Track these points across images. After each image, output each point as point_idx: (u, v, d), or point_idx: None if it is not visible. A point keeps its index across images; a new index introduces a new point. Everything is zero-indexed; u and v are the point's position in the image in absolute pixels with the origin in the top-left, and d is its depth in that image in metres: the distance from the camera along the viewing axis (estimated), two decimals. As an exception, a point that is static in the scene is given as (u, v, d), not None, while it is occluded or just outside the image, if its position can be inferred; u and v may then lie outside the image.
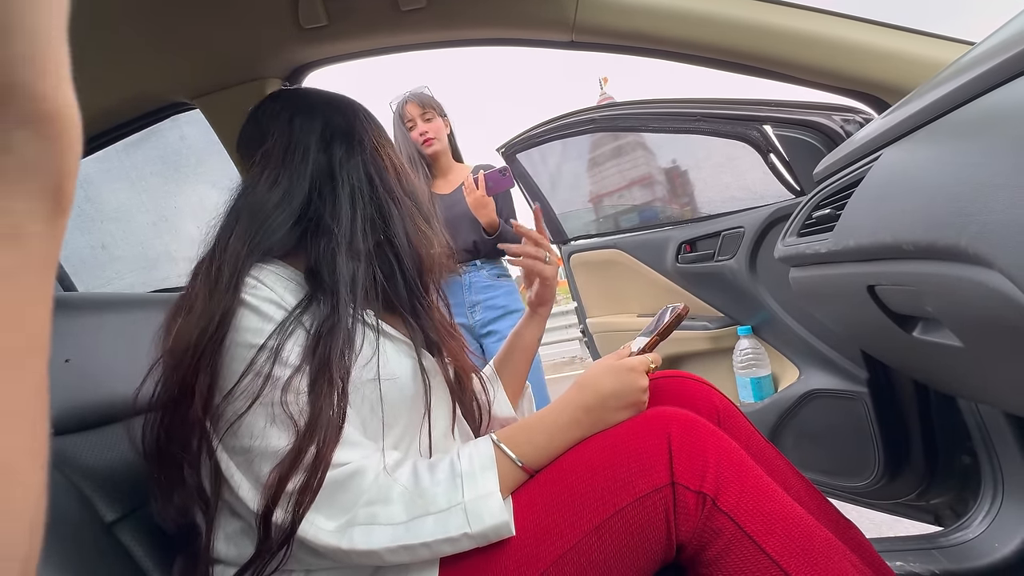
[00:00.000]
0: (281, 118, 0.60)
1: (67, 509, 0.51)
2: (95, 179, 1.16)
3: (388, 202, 0.59)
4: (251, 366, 0.46)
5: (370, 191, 0.59)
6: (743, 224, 1.17)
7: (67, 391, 0.58)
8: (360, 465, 0.47)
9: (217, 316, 0.47)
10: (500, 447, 0.51)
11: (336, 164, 0.58)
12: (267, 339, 0.47)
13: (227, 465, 0.46)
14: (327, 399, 0.46)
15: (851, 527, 0.64)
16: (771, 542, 0.44)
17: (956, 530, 0.86)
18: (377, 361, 0.52)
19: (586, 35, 0.85)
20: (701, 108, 1.16)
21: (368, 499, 0.46)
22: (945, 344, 0.51)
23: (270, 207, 0.55)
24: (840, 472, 1.06)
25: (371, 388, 0.51)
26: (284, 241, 0.55)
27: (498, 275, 1.57)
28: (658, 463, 0.47)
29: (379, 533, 0.45)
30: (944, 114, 0.48)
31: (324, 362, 0.47)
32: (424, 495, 0.47)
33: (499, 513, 0.46)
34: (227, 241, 0.52)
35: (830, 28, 0.81)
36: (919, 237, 0.45)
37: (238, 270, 0.50)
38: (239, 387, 0.45)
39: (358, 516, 0.45)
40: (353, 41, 0.85)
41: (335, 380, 0.47)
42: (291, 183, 0.56)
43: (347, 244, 0.55)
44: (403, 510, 0.46)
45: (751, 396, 1.21)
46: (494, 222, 1.47)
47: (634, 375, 0.56)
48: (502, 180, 1.33)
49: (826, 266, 0.68)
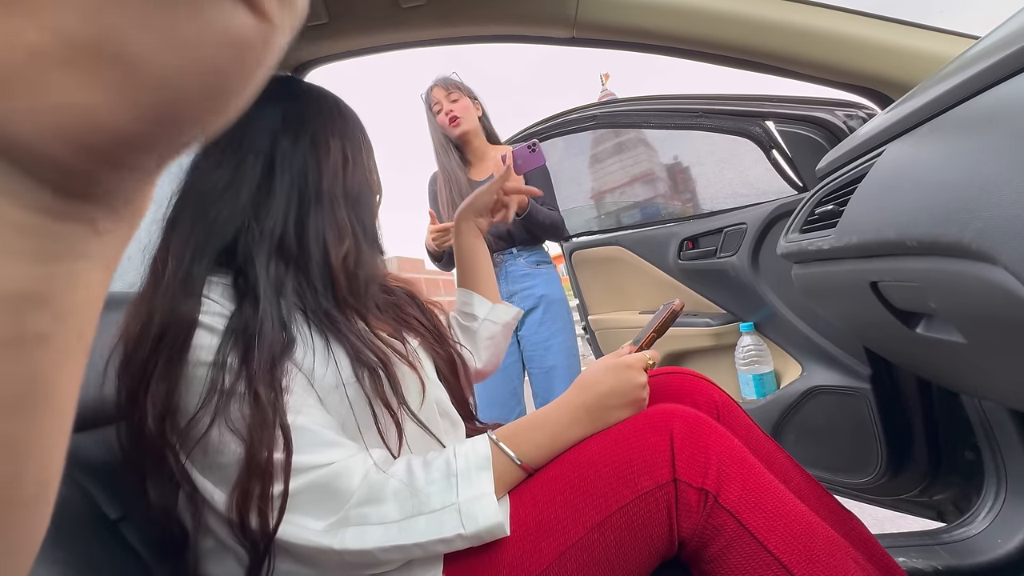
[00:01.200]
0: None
1: (72, 506, 0.51)
2: (97, 178, 1.16)
3: (311, 201, 0.55)
4: (211, 383, 0.45)
5: (303, 188, 0.55)
6: (745, 220, 1.16)
7: (71, 390, 0.58)
8: (345, 465, 0.46)
9: (168, 334, 0.45)
10: (499, 445, 0.51)
11: (278, 154, 0.54)
12: (216, 353, 0.45)
13: (199, 480, 0.45)
14: (255, 407, 0.44)
15: (852, 518, 0.64)
16: (773, 539, 0.44)
17: (959, 526, 0.86)
18: (336, 367, 0.50)
19: (587, 31, 0.84)
20: (703, 104, 1.16)
21: (359, 499, 0.45)
22: (948, 340, 0.51)
23: (214, 196, 0.51)
24: (843, 468, 1.06)
25: (335, 395, 0.50)
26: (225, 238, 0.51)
27: (537, 262, 1.47)
28: (660, 460, 0.47)
29: (372, 533, 0.44)
30: (948, 109, 0.48)
31: (251, 371, 0.45)
32: (418, 494, 0.46)
33: (493, 515, 0.45)
34: (171, 237, 0.50)
35: (833, 23, 0.80)
36: (922, 233, 0.44)
37: (187, 283, 0.48)
38: (203, 406, 0.44)
39: (350, 516, 0.45)
40: (354, 38, 0.85)
41: (264, 391, 0.45)
42: (235, 170, 0.53)
43: (275, 243, 0.52)
44: (396, 509, 0.45)
45: (753, 393, 1.21)
46: (523, 202, 1.37)
47: (632, 372, 0.55)
48: (532, 157, 1.19)
49: (829, 262, 0.68)
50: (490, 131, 1.54)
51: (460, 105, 1.46)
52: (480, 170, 1.50)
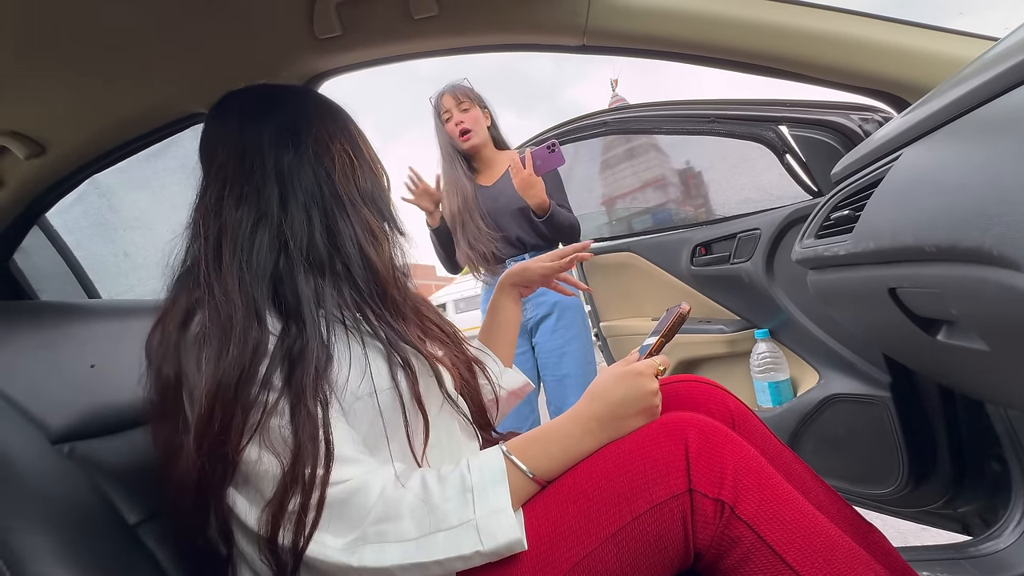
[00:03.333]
0: (230, 125, 0.57)
1: (92, 510, 0.52)
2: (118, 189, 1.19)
3: (334, 209, 0.56)
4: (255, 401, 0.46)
5: (320, 199, 0.56)
6: (759, 226, 1.15)
7: (91, 395, 0.60)
8: (362, 481, 0.46)
9: (247, 363, 0.47)
10: (511, 459, 0.50)
11: (285, 171, 0.55)
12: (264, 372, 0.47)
13: (231, 494, 0.46)
14: (306, 423, 0.45)
15: (873, 531, 0.62)
16: (791, 551, 0.44)
17: (986, 540, 0.83)
18: (371, 375, 0.51)
19: (597, 39, 0.84)
20: (715, 109, 1.15)
21: (376, 516, 0.45)
22: (971, 348, 0.49)
23: (247, 228, 0.53)
24: (863, 479, 1.03)
25: (364, 404, 0.50)
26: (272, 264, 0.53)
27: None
28: (675, 470, 0.46)
29: (390, 551, 0.44)
30: (967, 112, 0.47)
31: (299, 388, 0.46)
32: (435, 511, 0.45)
33: (511, 530, 0.45)
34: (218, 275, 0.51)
35: (847, 26, 0.79)
36: (941, 239, 0.43)
37: (253, 310, 0.49)
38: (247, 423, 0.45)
39: (368, 534, 0.44)
40: (366, 50, 0.86)
41: (312, 406, 0.46)
42: (259, 197, 0.54)
43: (304, 258, 0.53)
44: (414, 526, 0.45)
45: (769, 401, 1.19)
46: (544, 203, 1.32)
47: (643, 380, 0.54)
48: (551, 158, 1.22)
49: (845, 269, 0.67)
50: (498, 139, 1.52)
51: (471, 116, 1.42)
52: (488, 175, 1.49)
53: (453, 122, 1.42)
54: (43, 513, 0.47)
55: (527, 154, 1.26)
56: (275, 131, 0.57)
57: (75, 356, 0.61)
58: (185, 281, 0.53)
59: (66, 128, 0.83)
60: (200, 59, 0.77)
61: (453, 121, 1.42)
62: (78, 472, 0.53)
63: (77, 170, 0.93)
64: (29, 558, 0.43)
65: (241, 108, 0.59)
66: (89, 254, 1.18)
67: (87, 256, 1.17)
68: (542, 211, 1.33)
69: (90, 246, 1.19)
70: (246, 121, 0.58)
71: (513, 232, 1.41)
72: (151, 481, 0.58)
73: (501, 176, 1.45)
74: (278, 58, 0.81)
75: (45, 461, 0.51)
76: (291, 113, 0.59)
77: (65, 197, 1.00)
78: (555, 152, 1.27)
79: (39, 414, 0.53)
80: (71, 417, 0.56)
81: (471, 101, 1.44)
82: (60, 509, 0.48)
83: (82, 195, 1.03)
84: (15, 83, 0.73)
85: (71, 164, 0.91)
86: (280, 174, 0.55)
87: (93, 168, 0.94)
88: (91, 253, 1.19)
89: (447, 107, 1.43)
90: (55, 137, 0.84)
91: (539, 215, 1.34)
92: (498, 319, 0.86)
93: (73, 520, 0.49)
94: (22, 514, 0.46)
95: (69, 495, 0.50)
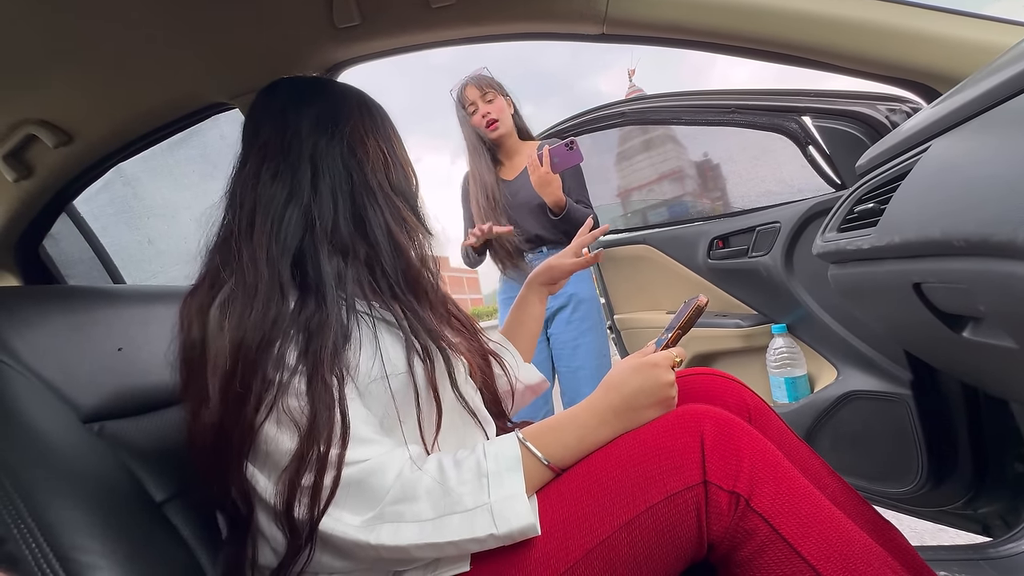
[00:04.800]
0: (275, 106, 0.61)
1: (120, 487, 0.54)
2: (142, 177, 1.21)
3: (364, 197, 0.59)
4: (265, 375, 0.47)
5: (349, 185, 0.58)
6: (779, 219, 1.13)
7: (119, 377, 0.62)
8: (379, 462, 0.47)
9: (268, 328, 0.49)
10: (527, 445, 0.51)
11: (318, 155, 0.58)
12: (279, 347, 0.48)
13: (251, 471, 0.48)
14: (323, 398, 0.47)
15: (890, 528, 0.61)
16: (807, 545, 0.43)
17: (1007, 541, 0.82)
18: (385, 359, 0.52)
19: (617, 27, 0.83)
20: (736, 99, 1.13)
21: (394, 496, 0.46)
22: (998, 345, 0.48)
23: (280, 203, 0.55)
24: (881, 477, 1.02)
25: (378, 386, 0.52)
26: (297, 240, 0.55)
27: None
28: (690, 461, 0.46)
29: (406, 530, 0.45)
30: (1002, 102, 0.46)
31: (317, 361, 0.48)
32: (451, 494, 0.47)
33: (525, 515, 0.46)
34: (248, 244, 0.53)
35: (875, 13, 0.77)
36: (971, 232, 0.42)
37: (277, 282, 0.51)
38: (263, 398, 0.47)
39: (385, 513, 0.46)
40: (385, 39, 0.86)
41: (328, 379, 0.48)
42: (293, 175, 0.57)
43: (328, 239, 0.56)
44: (430, 508, 0.46)
45: (785, 396, 1.17)
46: (560, 201, 1.31)
47: (659, 371, 0.54)
48: (569, 155, 1.19)
49: (868, 263, 0.65)
50: (522, 128, 1.51)
51: (496, 106, 1.41)
52: (510, 168, 1.48)
53: (480, 113, 1.41)
54: (75, 488, 0.49)
55: (544, 151, 1.24)
56: (316, 117, 0.60)
57: (103, 339, 0.63)
58: (219, 249, 0.56)
59: (93, 117, 0.85)
60: (221, 50, 0.78)
61: (480, 112, 1.41)
62: (108, 451, 0.55)
63: (103, 158, 0.95)
64: (63, 530, 0.45)
65: (289, 92, 0.63)
66: (114, 241, 1.21)
67: (112, 243, 1.21)
68: (558, 209, 1.32)
69: (115, 233, 1.22)
70: (291, 104, 0.61)
71: (532, 229, 1.41)
72: (177, 461, 0.60)
73: (522, 171, 1.44)
74: (298, 48, 0.82)
75: (77, 439, 0.53)
76: (334, 103, 0.62)
77: (91, 185, 1.02)
78: (573, 150, 1.23)
79: (71, 394, 0.55)
80: (101, 397, 0.58)
81: (495, 91, 1.42)
82: (91, 485, 0.50)
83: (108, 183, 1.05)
84: (45, 74, 0.75)
85: (97, 153, 0.93)
86: (313, 157, 0.58)
87: (118, 157, 0.96)
88: (116, 240, 1.22)
89: (472, 99, 1.42)
90: (82, 126, 0.86)
91: (555, 213, 1.33)
92: (523, 315, 0.88)
93: (103, 496, 0.50)
94: (56, 489, 0.48)
95: (99, 472, 0.52)
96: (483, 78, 1.43)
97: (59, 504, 0.47)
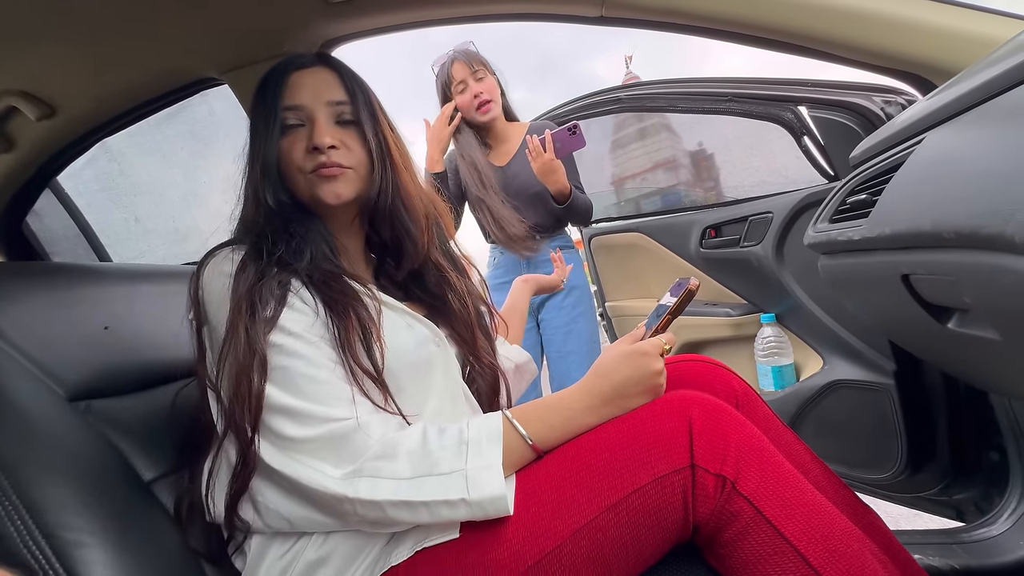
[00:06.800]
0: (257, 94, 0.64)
1: (108, 466, 0.54)
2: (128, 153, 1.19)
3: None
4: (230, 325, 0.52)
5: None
6: (772, 209, 1.14)
7: (106, 356, 0.61)
8: (363, 421, 0.50)
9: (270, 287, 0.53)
10: (511, 422, 0.52)
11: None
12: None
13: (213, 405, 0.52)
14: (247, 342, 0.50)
15: (870, 512, 0.63)
16: (790, 527, 0.44)
17: (979, 526, 0.85)
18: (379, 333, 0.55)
19: (616, 10, 0.82)
20: (732, 88, 1.12)
21: (375, 453, 0.48)
22: (982, 337, 0.49)
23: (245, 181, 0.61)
24: (861, 464, 1.04)
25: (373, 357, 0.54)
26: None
27: (560, 247, 1.35)
28: (678, 445, 0.47)
29: (383, 486, 0.47)
30: (996, 95, 0.46)
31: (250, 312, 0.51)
32: (430, 456, 0.49)
33: (498, 487, 0.47)
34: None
35: (874, 2, 0.77)
36: (961, 225, 0.43)
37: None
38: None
39: (364, 468, 0.48)
40: (379, 16, 0.84)
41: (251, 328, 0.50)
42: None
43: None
44: (408, 467, 0.48)
45: (772, 384, 1.19)
46: (565, 189, 1.22)
47: (648, 359, 0.54)
48: (571, 140, 1.14)
49: (858, 254, 0.66)
50: (507, 108, 1.41)
51: (487, 85, 1.31)
52: (499, 154, 1.39)
53: (470, 93, 1.30)
54: (61, 466, 0.48)
55: (547, 136, 1.17)
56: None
57: (89, 317, 0.62)
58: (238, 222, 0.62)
59: (76, 90, 0.83)
60: (211, 23, 0.76)
61: (470, 92, 1.30)
62: (95, 429, 0.55)
63: (88, 133, 0.92)
64: (48, 507, 0.45)
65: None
66: (100, 218, 1.19)
67: (98, 220, 1.18)
68: (563, 198, 1.25)
69: (101, 210, 1.20)
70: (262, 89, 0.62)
71: (530, 218, 1.32)
72: (166, 440, 0.60)
73: (514, 156, 1.36)
74: (290, 23, 0.80)
75: (63, 417, 0.52)
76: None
77: (76, 160, 1.00)
78: (576, 134, 1.19)
79: (56, 371, 0.54)
80: (87, 375, 0.57)
81: (485, 68, 1.32)
82: (78, 463, 0.50)
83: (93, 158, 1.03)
84: (25, 43, 0.72)
85: (82, 126, 0.90)
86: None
87: (104, 131, 0.94)
88: (102, 217, 1.19)
89: (460, 77, 1.31)
90: (65, 99, 0.83)
91: (559, 202, 1.26)
92: (511, 307, 0.96)
93: (90, 474, 0.50)
94: (41, 466, 0.47)
95: (87, 450, 0.52)
96: (472, 54, 1.32)
97: (44, 481, 0.46)
